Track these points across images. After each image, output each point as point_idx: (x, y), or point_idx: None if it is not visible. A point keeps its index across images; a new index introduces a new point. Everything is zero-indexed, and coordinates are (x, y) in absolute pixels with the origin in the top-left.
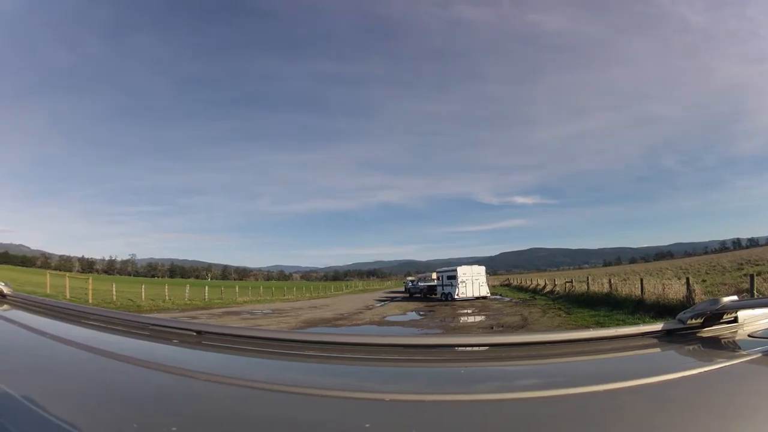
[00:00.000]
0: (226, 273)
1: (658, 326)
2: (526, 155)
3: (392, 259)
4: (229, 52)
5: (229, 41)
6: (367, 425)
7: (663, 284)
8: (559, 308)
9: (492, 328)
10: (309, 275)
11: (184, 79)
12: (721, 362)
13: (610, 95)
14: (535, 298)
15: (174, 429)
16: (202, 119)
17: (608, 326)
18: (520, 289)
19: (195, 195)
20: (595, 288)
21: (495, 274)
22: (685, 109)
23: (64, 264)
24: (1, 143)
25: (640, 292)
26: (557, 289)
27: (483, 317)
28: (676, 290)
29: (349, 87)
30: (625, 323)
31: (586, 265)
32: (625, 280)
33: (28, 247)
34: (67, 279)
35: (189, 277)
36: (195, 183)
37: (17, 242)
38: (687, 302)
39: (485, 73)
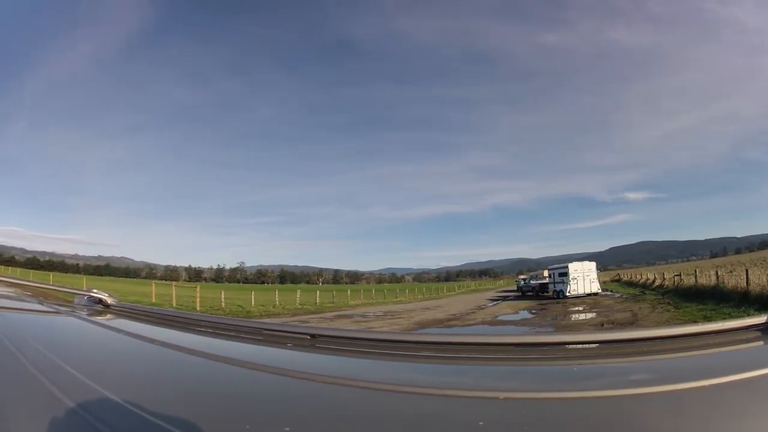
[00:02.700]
0: (337, 277)
1: (762, 318)
2: (626, 155)
3: (504, 258)
4: (350, 85)
5: (350, 76)
6: (481, 423)
7: None
8: (668, 303)
9: (602, 325)
10: (421, 277)
11: (308, 108)
12: None
13: (689, 97)
14: (645, 294)
15: (287, 429)
16: (324, 141)
17: (714, 320)
18: (629, 284)
19: (310, 206)
20: (702, 281)
21: (605, 269)
22: (758, 103)
23: (170, 274)
24: (117, 169)
25: (745, 284)
26: (666, 283)
27: (594, 314)
28: None
29: (459, 107)
30: (731, 317)
31: (693, 258)
32: (731, 271)
33: (132, 259)
34: (174, 288)
35: (300, 283)
36: (311, 195)
37: (119, 255)
38: None
39: (577, 87)
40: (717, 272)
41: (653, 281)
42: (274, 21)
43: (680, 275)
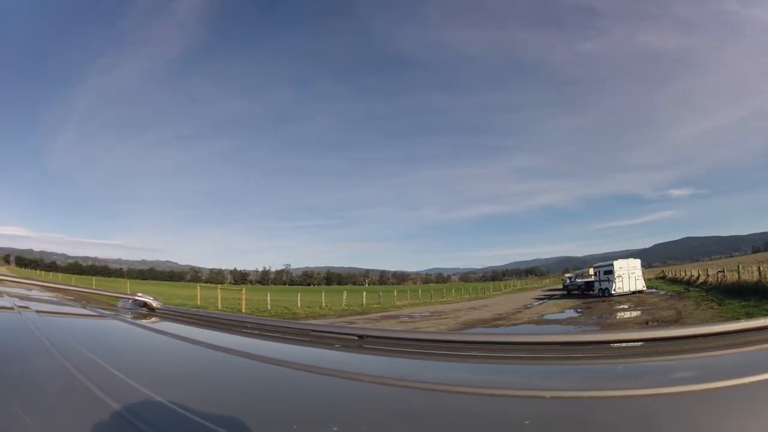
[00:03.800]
0: (383, 278)
1: None
2: (668, 152)
3: (549, 257)
4: (400, 94)
5: (399, 86)
6: (527, 422)
7: None
8: (711, 300)
9: (647, 323)
10: (467, 276)
11: (359, 115)
12: None
13: (723, 95)
14: (689, 290)
15: (335, 429)
16: (374, 146)
17: (757, 317)
18: (674, 281)
19: (358, 208)
20: (745, 277)
21: (650, 266)
22: None
23: (215, 277)
24: (164, 176)
25: None
26: (709, 279)
27: (639, 312)
28: None
29: (504, 112)
30: None
31: (737, 253)
32: None
33: (176, 263)
34: (219, 290)
35: (346, 284)
36: (359, 198)
37: (163, 259)
38: None
39: (616, 90)
40: (759, 268)
41: (697, 278)
42: (326, 34)
43: (723, 271)
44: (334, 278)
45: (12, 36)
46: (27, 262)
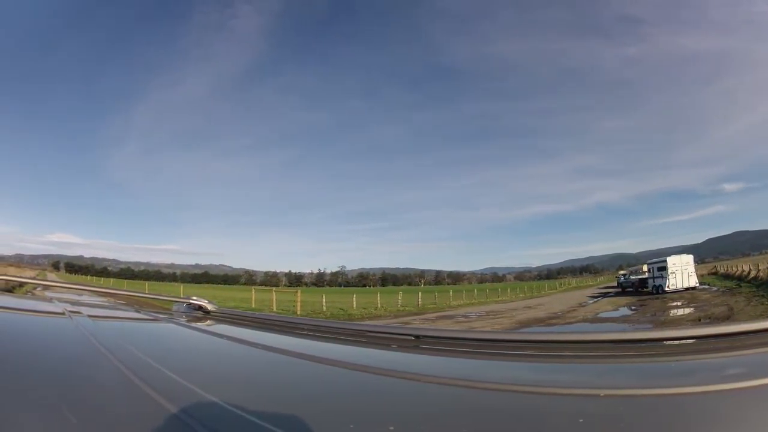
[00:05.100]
0: (439, 278)
1: None
2: (717, 148)
3: (603, 254)
4: (459, 102)
5: (458, 93)
6: (581, 420)
7: None
8: (762, 296)
9: (699, 320)
10: (522, 275)
11: (417, 124)
12: None
13: (764, 92)
14: (740, 286)
15: (391, 428)
16: (433, 150)
17: None
18: (726, 276)
19: (415, 210)
20: None
21: (702, 262)
22: None
23: (269, 279)
24: (222, 184)
25: None
26: (760, 274)
27: (691, 309)
28: None
29: (558, 115)
30: None
31: None
32: None
33: (230, 267)
34: (274, 293)
35: (401, 285)
36: (417, 200)
37: (217, 263)
38: None
39: (662, 90)
40: None
41: (748, 273)
42: (387, 48)
43: None
44: (389, 279)
45: (73, 57)
46: (77, 268)
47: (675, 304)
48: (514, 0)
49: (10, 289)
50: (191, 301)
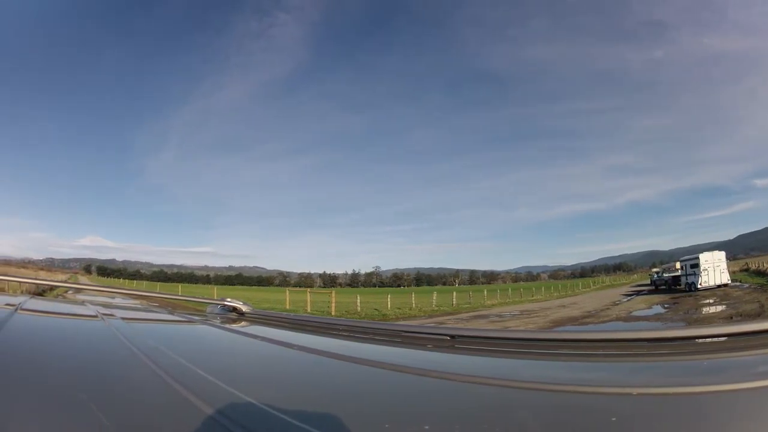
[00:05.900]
0: (473, 278)
1: None
2: (747, 144)
3: (636, 251)
4: (493, 105)
5: (492, 97)
6: (614, 419)
7: None
8: None
9: (731, 317)
10: (556, 274)
11: (453, 127)
12: None
13: None
14: None
15: (426, 428)
16: (470, 152)
17: None
18: (758, 273)
19: (451, 211)
20: None
21: (734, 258)
22: None
23: (303, 280)
24: (258, 188)
25: None
26: None
27: (723, 306)
28: None
29: (589, 116)
30: None
31: None
32: None
33: (264, 268)
34: (308, 294)
35: (435, 284)
36: (453, 201)
37: (251, 264)
38: None
39: (690, 90)
40: None
41: None
42: (423, 53)
43: None
44: (423, 279)
45: (111, 65)
46: (109, 271)
47: (707, 301)
48: (545, 7)
49: (41, 292)
50: (225, 303)
